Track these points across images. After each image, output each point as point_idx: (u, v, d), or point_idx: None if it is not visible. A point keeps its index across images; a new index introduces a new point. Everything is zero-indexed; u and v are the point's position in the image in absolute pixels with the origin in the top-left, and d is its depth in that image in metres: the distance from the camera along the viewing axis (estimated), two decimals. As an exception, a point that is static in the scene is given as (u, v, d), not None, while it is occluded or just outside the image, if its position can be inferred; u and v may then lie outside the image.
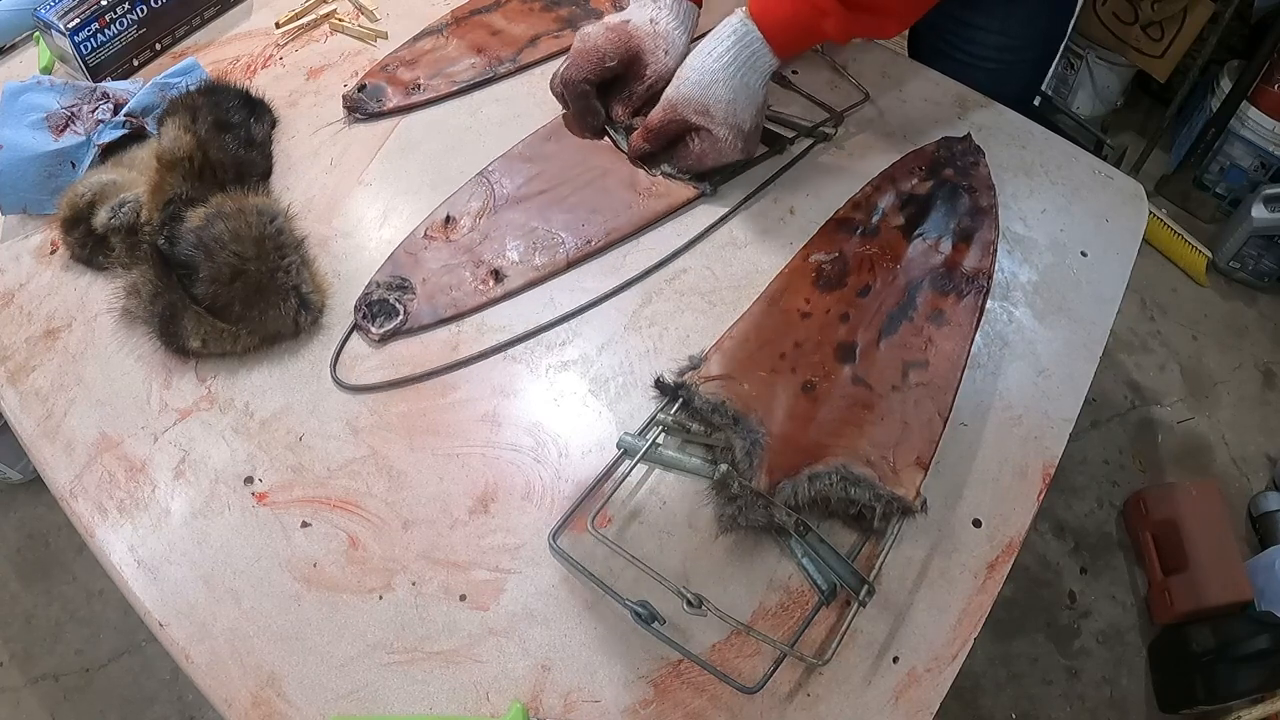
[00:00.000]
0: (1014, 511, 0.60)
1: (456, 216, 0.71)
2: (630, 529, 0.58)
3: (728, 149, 0.71)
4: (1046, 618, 1.42)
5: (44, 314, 0.68)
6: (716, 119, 0.69)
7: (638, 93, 0.75)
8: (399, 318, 0.65)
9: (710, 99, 0.68)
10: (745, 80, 0.68)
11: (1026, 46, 0.91)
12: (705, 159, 0.72)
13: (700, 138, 0.71)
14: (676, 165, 0.74)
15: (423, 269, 0.68)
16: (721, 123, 0.69)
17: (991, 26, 0.88)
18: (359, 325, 0.65)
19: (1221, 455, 1.62)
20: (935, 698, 0.53)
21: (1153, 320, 1.80)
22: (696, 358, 0.63)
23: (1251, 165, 1.81)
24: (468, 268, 0.69)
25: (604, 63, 0.73)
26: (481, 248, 0.70)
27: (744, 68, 0.68)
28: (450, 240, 0.70)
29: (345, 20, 0.88)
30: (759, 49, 0.68)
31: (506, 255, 0.70)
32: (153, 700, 1.32)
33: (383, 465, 0.60)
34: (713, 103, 0.68)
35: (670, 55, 0.74)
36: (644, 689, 0.53)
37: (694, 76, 0.69)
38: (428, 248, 0.70)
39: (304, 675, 0.53)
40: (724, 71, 0.68)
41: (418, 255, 0.69)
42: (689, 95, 0.69)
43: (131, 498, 0.59)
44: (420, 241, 0.70)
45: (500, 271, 0.68)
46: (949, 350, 0.63)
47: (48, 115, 0.74)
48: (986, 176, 0.74)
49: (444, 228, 0.71)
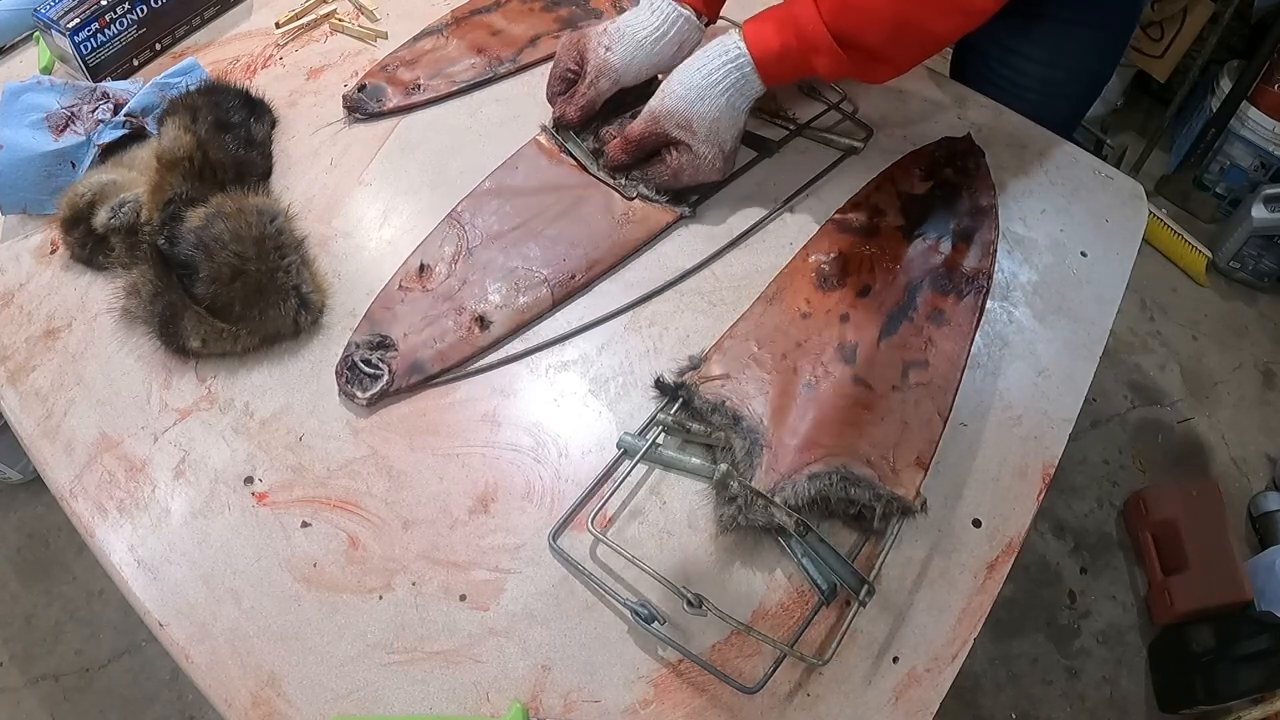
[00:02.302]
0: (1014, 511, 0.60)
1: (430, 264, 0.68)
2: (630, 529, 0.58)
3: (706, 167, 0.70)
4: (1046, 618, 1.42)
5: (44, 314, 0.68)
6: (699, 135, 0.68)
7: (579, 90, 0.74)
8: (384, 379, 0.62)
9: (694, 115, 0.68)
10: (731, 102, 0.68)
11: (1071, 80, 0.88)
12: (681, 175, 0.70)
13: (679, 152, 0.69)
14: (651, 180, 0.72)
15: (402, 323, 0.65)
16: (703, 140, 0.68)
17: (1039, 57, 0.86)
18: (344, 391, 0.62)
19: (1221, 455, 1.62)
20: (935, 698, 0.53)
21: (1153, 320, 1.80)
22: (696, 358, 0.63)
23: (1251, 165, 1.82)
24: (450, 316, 0.65)
25: (565, 73, 0.74)
26: (462, 294, 0.67)
27: (731, 90, 0.67)
28: (427, 289, 0.67)
29: (345, 20, 0.88)
30: (749, 75, 0.67)
31: (489, 299, 0.66)
32: (153, 700, 1.32)
33: (383, 465, 0.60)
34: (696, 119, 0.68)
35: (613, 52, 0.72)
36: (644, 689, 0.53)
37: (680, 91, 0.68)
38: (404, 300, 0.66)
39: (304, 675, 0.53)
40: (711, 90, 0.67)
41: (394, 309, 0.66)
42: (673, 109, 0.68)
43: (131, 498, 0.59)
44: (396, 294, 0.67)
45: (485, 317, 0.65)
46: (949, 350, 0.63)
47: (48, 115, 0.74)
48: (986, 176, 0.74)
49: (419, 277, 0.67)
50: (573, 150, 0.75)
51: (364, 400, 0.62)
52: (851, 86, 0.82)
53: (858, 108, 0.81)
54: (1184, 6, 1.73)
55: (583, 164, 0.74)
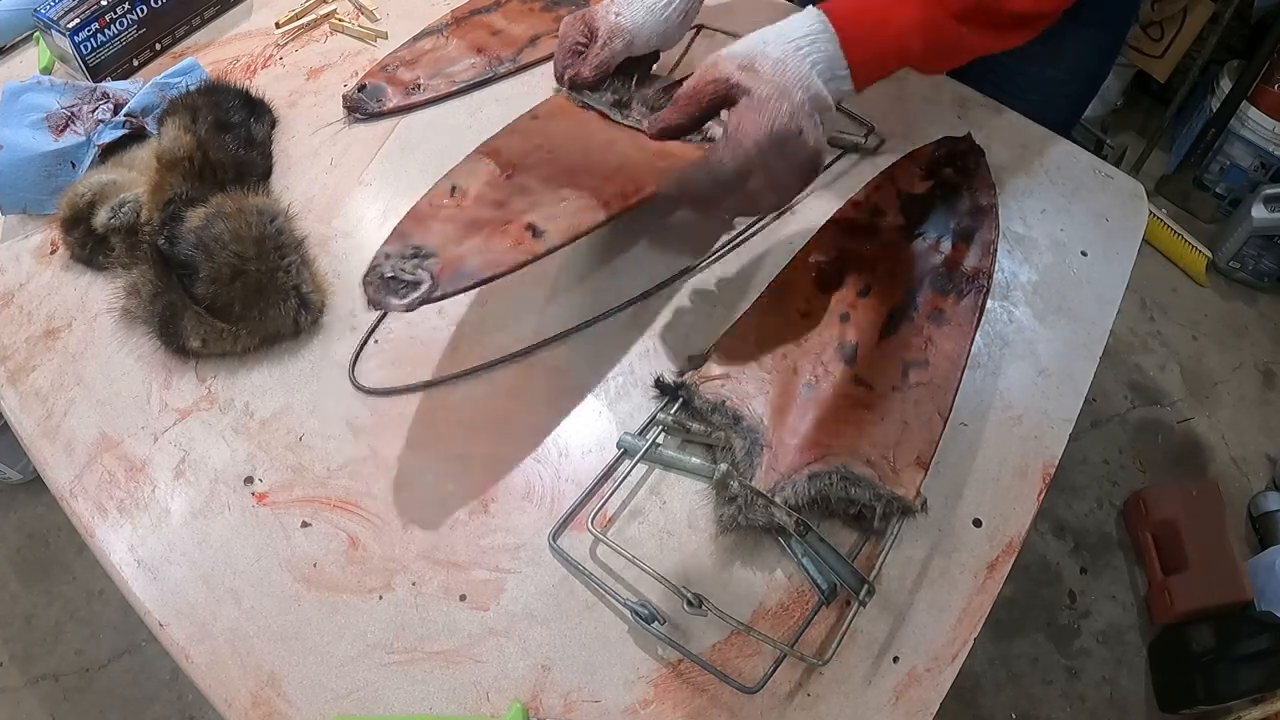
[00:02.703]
0: (1014, 511, 0.60)
1: (463, 187, 0.62)
2: (630, 529, 0.58)
3: (773, 111, 0.56)
4: (1046, 618, 1.42)
5: (44, 314, 0.68)
6: (763, 75, 0.56)
7: (592, 51, 0.70)
8: (425, 285, 0.54)
9: (757, 54, 0.57)
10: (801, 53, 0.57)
11: (1069, 80, 0.88)
12: (741, 132, 0.57)
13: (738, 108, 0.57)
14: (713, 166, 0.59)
15: (439, 235, 0.58)
16: (767, 80, 0.56)
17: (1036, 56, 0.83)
18: (374, 300, 0.54)
19: (1221, 455, 1.62)
20: (935, 698, 0.53)
21: (1153, 320, 1.80)
22: (696, 358, 0.63)
23: (1251, 165, 1.82)
24: (496, 225, 0.59)
25: (574, 46, 0.71)
26: (507, 207, 0.60)
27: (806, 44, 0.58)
28: (463, 207, 0.61)
29: (345, 20, 0.88)
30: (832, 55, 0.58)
31: (539, 209, 0.60)
32: (153, 700, 1.32)
33: (383, 465, 0.60)
34: (760, 58, 0.57)
35: (623, 16, 0.70)
36: (644, 689, 0.53)
37: (743, 43, 0.59)
38: (438, 215, 0.60)
39: (304, 675, 0.53)
40: (779, 35, 0.58)
41: (428, 223, 0.59)
42: (734, 51, 0.58)
43: (131, 498, 0.59)
44: (428, 209, 0.60)
45: (536, 226, 0.59)
46: (949, 350, 0.63)
47: (48, 115, 0.74)
48: (986, 176, 0.74)
49: (452, 197, 0.61)
50: (593, 103, 0.71)
51: (403, 307, 0.54)
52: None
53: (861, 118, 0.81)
54: (1184, 6, 1.73)
55: (605, 113, 0.70)
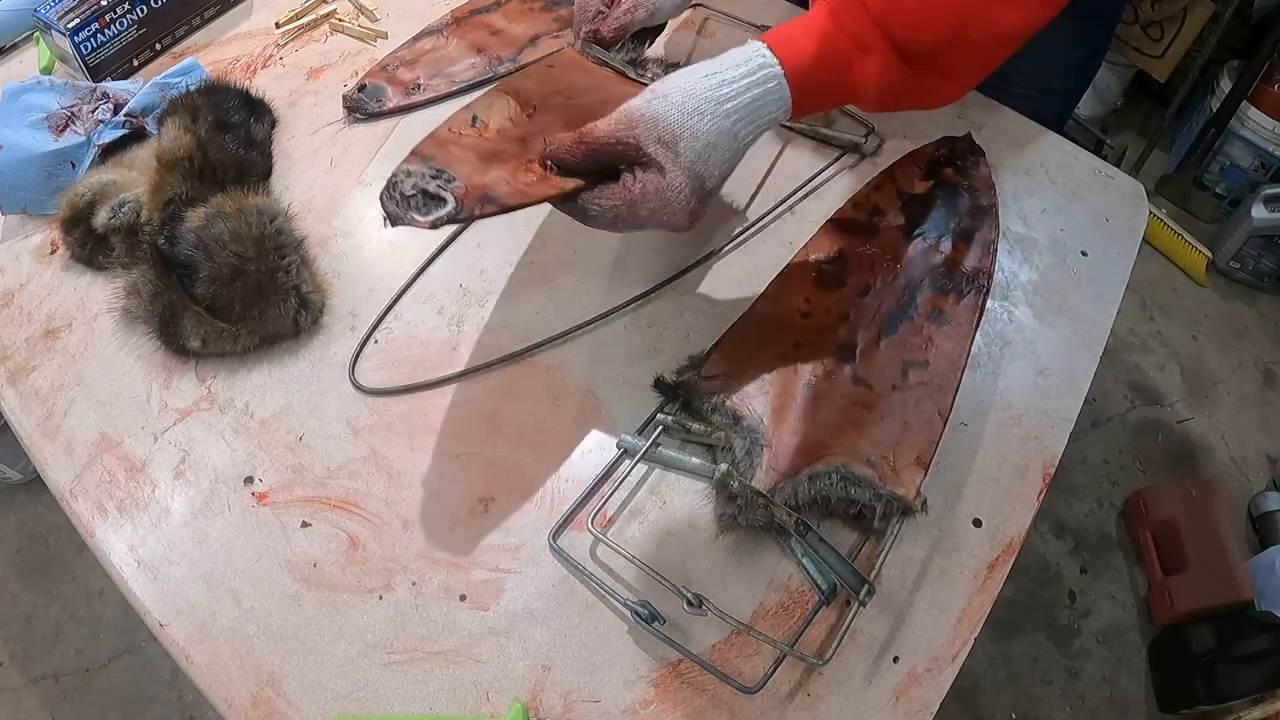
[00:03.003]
0: (1014, 511, 0.60)
1: (484, 119, 0.59)
2: (630, 529, 0.58)
3: (675, 207, 0.53)
4: (1046, 618, 1.42)
5: (44, 314, 0.68)
6: (682, 160, 0.52)
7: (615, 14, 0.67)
8: (449, 205, 0.51)
9: (685, 130, 0.52)
10: (737, 129, 0.54)
11: (1058, 75, 0.87)
12: (639, 208, 0.53)
13: (647, 175, 0.53)
14: (594, 207, 0.55)
15: (462, 160, 0.55)
16: (686, 168, 0.52)
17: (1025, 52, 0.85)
18: (394, 215, 0.50)
19: (1221, 455, 1.62)
20: (935, 698, 0.53)
21: (1153, 320, 1.80)
22: (696, 358, 0.63)
23: (1251, 165, 1.82)
24: (520, 160, 0.56)
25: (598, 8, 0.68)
26: (530, 145, 0.58)
27: (743, 113, 0.54)
28: (485, 138, 0.58)
29: (345, 20, 0.88)
30: (771, 93, 0.54)
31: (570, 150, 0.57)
32: (153, 700, 1.32)
33: (383, 465, 0.60)
34: (686, 136, 0.52)
35: None
36: (644, 689, 0.53)
37: (676, 97, 0.53)
38: (460, 142, 0.57)
39: (304, 675, 0.53)
40: (717, 106, 0.53)
41: (449, 148, 0.56)
42: (660, 115, 0.52)
43: (131, 498, 0.59)
44: (448, 135, 0.57)
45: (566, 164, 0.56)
46: (949, 350, 0.63)
47: (48, 115, 0.74)
48: (986, 176, 0.74)
49: (473, 127, 0.58)
50: (609, 60, 0.69)
51: (426, 224, 0.50)
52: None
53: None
54: (1184, 6, 1.73)
55: (622, 70, 0.68)
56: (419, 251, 0.71)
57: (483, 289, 0.69)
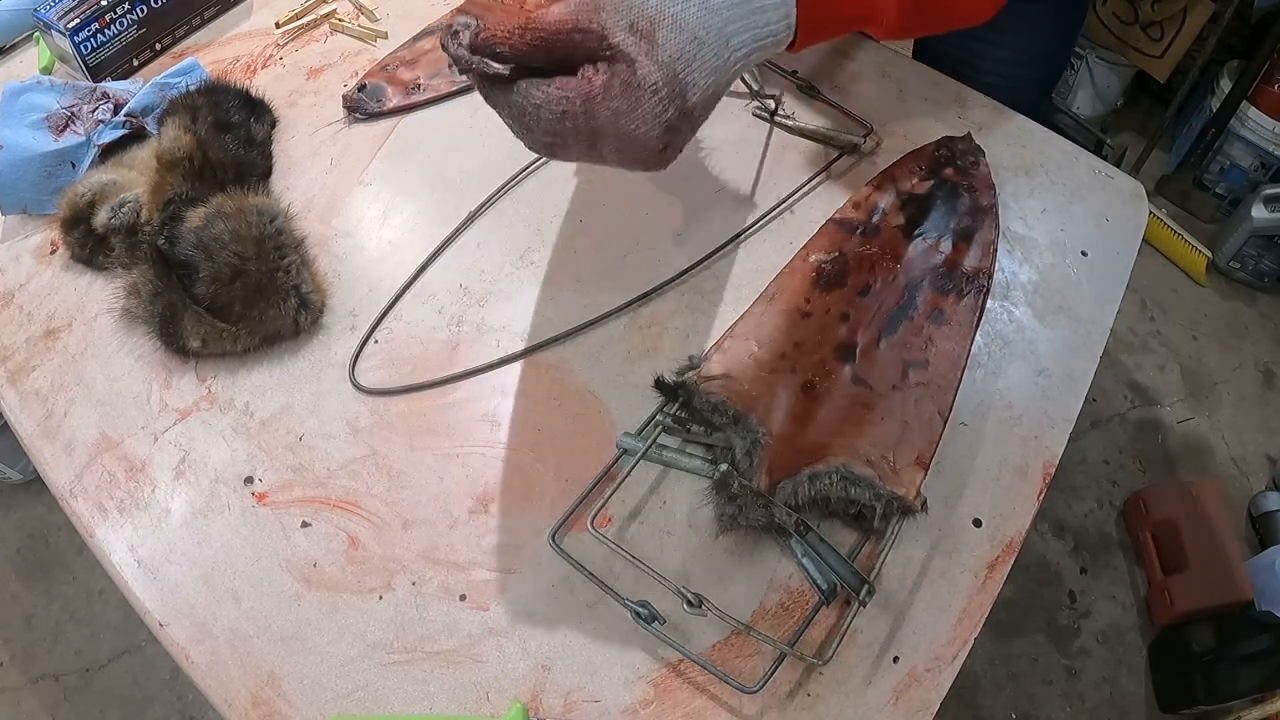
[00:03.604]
0: (1014, 511, 0.60)
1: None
2: (630, 529, 0.58)
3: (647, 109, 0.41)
4: (1046, 618, 1.42)
5: (44, 314, 0.68)
6: (660, 51, 0.41)
7: None
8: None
9: (665, 16, 0.42)
10: (729, 30, 0.43)
11: (1033, 63, 0.87)
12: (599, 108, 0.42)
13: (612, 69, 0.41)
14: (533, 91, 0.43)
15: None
16: (664, 63, 0.41)
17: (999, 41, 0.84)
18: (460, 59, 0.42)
19: (1221, 455, 1.62)
20: (935, 698, 0.53)
21: (1153, 320, 1.80)
22: (696, 358, 0.63)
23: (1251, 165, 1.82)
24: None
25: None
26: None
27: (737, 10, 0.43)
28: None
29: (345, 20, 0.88)
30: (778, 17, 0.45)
31: None
32: (153, 700, 1.32)
33: (383, 465, 0.60)
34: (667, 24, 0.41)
35: None
36: (644, 689, 0.53)
37: None
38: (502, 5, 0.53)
39: (304, 675, 0.53)
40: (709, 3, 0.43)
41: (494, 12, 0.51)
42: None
43: (131, 498, 0.59)
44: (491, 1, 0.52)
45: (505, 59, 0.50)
46: (949, 350, 0.63)
47: (48, 115, 0.74)
48: (986, 176, 0.74)
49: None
50: None
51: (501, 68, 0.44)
52: (849, 84, 0.82)
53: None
54: (1184, 6, 1.73)
55: None
56: (419, 251, 0.71)
57: (483, 289, 0.69)
